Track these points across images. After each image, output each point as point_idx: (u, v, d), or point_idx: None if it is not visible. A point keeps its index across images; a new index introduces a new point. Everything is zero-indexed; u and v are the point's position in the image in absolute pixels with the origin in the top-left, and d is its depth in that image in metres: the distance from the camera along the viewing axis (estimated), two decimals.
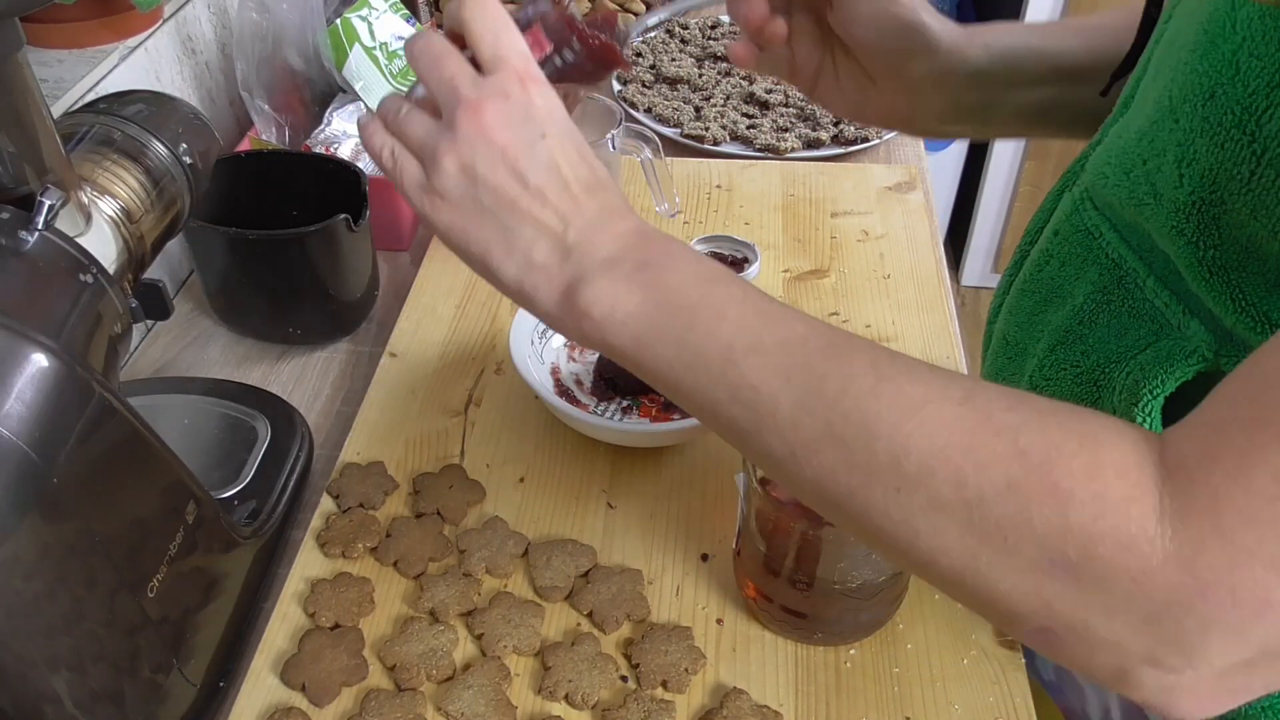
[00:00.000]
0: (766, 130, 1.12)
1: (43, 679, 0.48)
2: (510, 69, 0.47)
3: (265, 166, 0.89)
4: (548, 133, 0.47)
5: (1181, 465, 0.35)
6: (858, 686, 0.61)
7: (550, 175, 0.46)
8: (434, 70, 0.47)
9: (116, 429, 0.52)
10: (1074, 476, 0.36)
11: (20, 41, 0.48)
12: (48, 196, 0.51)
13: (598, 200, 0.47)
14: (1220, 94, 0.42)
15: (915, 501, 0.39)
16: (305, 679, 0.61)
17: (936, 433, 0.38)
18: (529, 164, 0.46)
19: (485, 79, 0.47)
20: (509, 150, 0.46)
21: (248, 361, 0.87)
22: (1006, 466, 0.37)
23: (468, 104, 0.46)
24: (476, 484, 0.73)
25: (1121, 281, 0.51)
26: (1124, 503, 0.35)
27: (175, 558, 0.56)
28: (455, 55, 0.47)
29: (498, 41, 0.47)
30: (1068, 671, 0.67)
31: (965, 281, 2.45)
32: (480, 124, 0.46)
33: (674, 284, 0.45)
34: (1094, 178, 0.54)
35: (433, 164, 0.47)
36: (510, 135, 0.46)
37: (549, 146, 0.46)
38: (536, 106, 0.46)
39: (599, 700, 0.60)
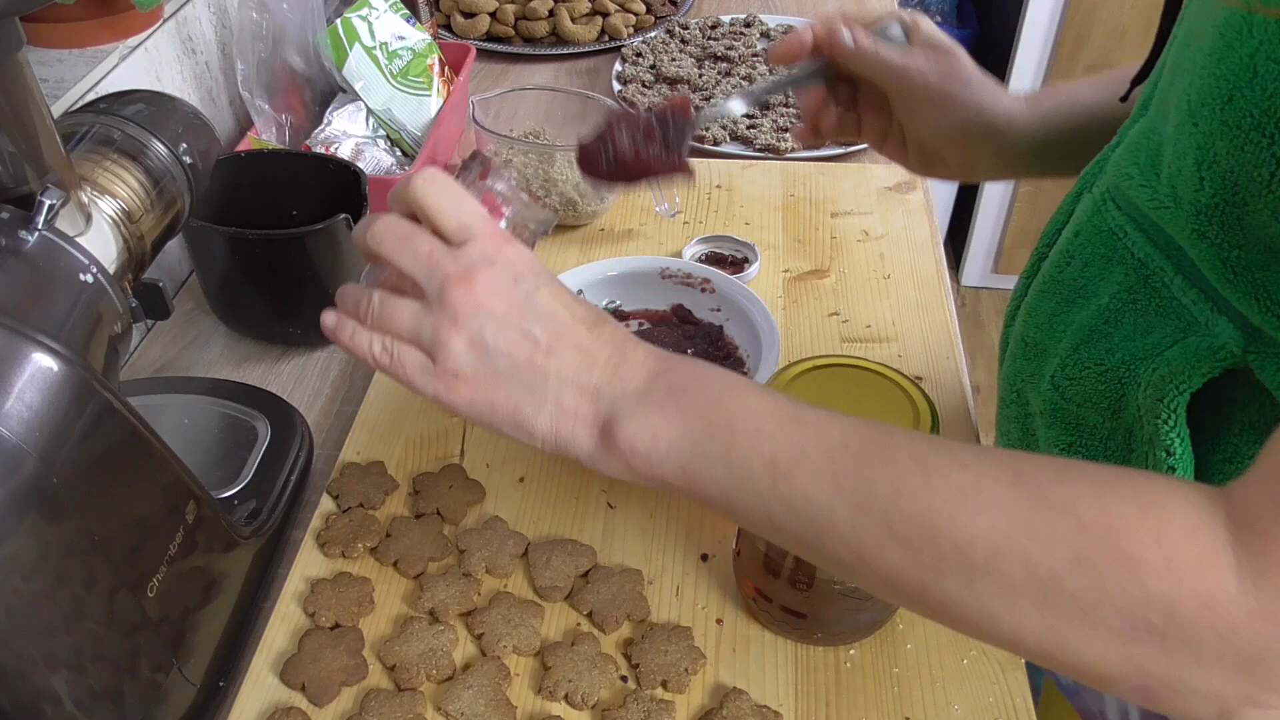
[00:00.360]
0: (767, 130, 1.12)
1: (42, 678, 0.48)
2: (482, 234, 0.47)
3: (265, 166, 0.89)
4: (537, 284, 0.47)
5: (1252, 521, 0.36)
6: (857, 687, 0.61)
7: (555, 323, 0.47)
8: (406, 251, 0.47)
9: (116, 429, 0.52)
10: (1142, 544, 0.36)
11: (20, 41, 0.48)
12: (48, 196, 0.51)
13: (605, 333, 0.48)
14: (1239, 97, 0.42)
15: (989, 589, 0.39)
16: (305, 679, 0.61)
17: (996, 518, 0.39)
18: (534, 320, 0.47)
19: (462, 250, 0.47)
20: (512, 313, 0.46)
21: (248, 361, 0.87)
22: (1072, 542, 0.37)
23: (457, 279, 0.46)
24: (476, 484, 0.73)
25: (1148, 280, 0.51)
26: (1198, 564, 0.36)
27: (175, 557, 0.56)
28: (423, 232, 0.47)
29: (460, 211, 0.47)
30: None
31: (965, 282, 2.45)
32: (475, 295, 0.46)
33: (707, 405, 0.45)
34: (1117, 178, 0.54)
35: (437, 347, 0.47)
36: (507, 298, 0.46)
37: (543, 296, 0.47)
38: (517, 263, 0.47)
39: (599, 700, 0.60)
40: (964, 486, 0.40)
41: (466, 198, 0.48)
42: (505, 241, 0.47)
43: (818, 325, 0.88)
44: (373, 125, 1.04)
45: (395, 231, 0.47)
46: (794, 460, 0.43)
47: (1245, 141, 0.42)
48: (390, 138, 1.05)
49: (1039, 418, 0.59)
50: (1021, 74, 2.15)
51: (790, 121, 1.14)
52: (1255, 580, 0.35)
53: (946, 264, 0.96)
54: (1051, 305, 0.58)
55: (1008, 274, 2.42)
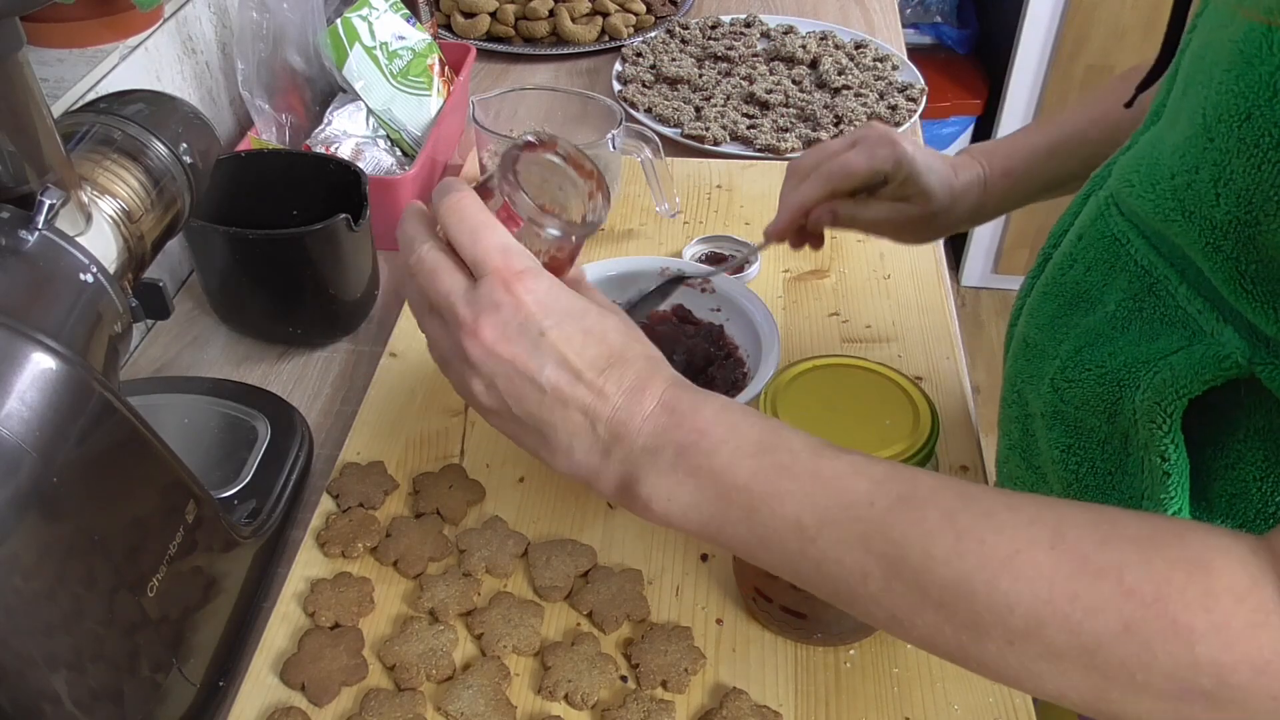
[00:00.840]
0: (767, 130, 1.12)
1: (42, 678, 0.48)
2: (493, 275, 0.46)
3: (266, 166, 0.89)
4: (544, 329, 0.46)
5: None
6: (857, 687, 0.61)
7: (561, 371, 0.46)
8: (431, 288, 0.48)
9: (116, 428, 0.52)
10: (1191, 610, 0.36)
11: (21, 41, 0.48)
12: (48, 196, 0.51)
13: (615, 379, 0.47)
14: (1257, 116, 0.42)
15: (1031, 651, 0.38)
16: (305, 678, 0.61)
17: (1037, 585, 0.38)
18: (538, 368, 0.46)
19: (476, 290, 0.47)
20: (517, 361, 0.46)
21: (248, 361, 0.87)
22: (1119, 609, 0.36)
23: (467, 329, 0.46)
24: (476, 484, 0.73)
25: (1152, 289, 0.51)
26: (1250, 629, 0.35)
27: (175, 557, 0.56)
28: (446, 269, 0.47)
29: (475, 245, 0.47)
30: None
31: (965, 282, 2.45)
32: (483, 345, 0.46)
33: (720, 468, 0.44)
34: (1120, 184, 0.53)
35: (463, 385, 0.48)
36: (512, 347, 0.46)
37: (550, 342, 0.46)
38: (527, 305, 0.46)
39: (598, 700, 0.60)
40: (1000, 551, 0.39)
41: (482, 226, 0.47)
42: (515, 279, 0.46)
43: (818, 325, 0.88)
44: (373, 125, 1.04)
45: (424, 267, 0.48)
46: (819, 523, 0.42)
47: (1263, 160, 0.42)
48: (390, 138, 1.05)
49: (1039, 419, 0.59)
50: (1021, 74, 2.15)
51: (790, 121, 1.14)
52: None
53: (946, 264, 0.96)
54: (1053, 307, 0.58)
55: (1008, 274, 2.42)
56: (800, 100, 1.18)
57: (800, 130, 1.13)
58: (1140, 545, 0.37)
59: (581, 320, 0.47)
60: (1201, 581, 0.36)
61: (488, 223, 0.47)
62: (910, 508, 0.41)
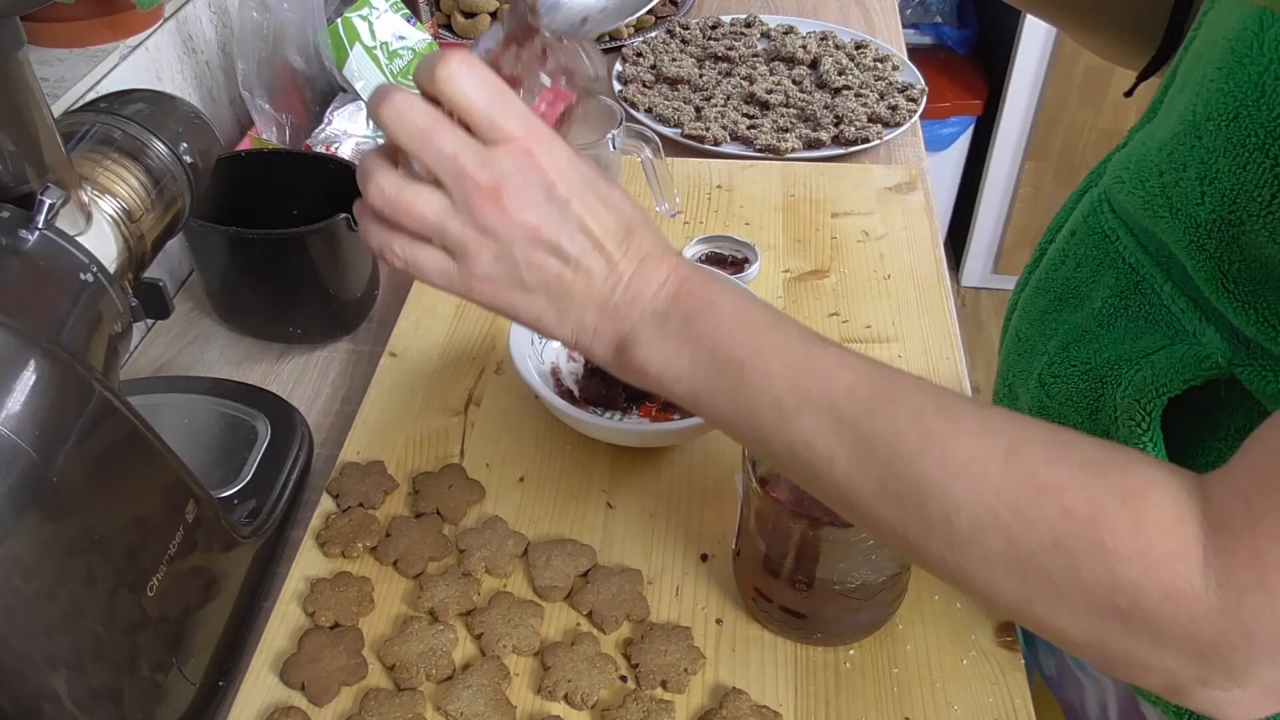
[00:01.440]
0: (767, 130, 1.12)
1: (42, 677, 0.48)
2: (515, 141, 0.44)
3: (266, 166, 0.89)
4: (569, 197, 0.45)
5: (1225, 522, 0.37)
6: (857, 687, 0.61)
7: (584, 240, 0.46)
8: (427, 147, 0.44)
9: (116, 428, 0.52)
10: (1119, 535, 0.37)
11: (21, 40, 0.48)
12: (48, 195, 0.51)
13: (632, 249, 0.47)
14: (1245, 116, 0.42)
15: (968, 555, 0.40)
16: (305, 678, 0.61)
17: (984, 493, 0.40)
18: (563, 237, 0.45)
19: (491, 154, 0.44)
20: (541, 230, 0.45)
21: (248, 361, 0.87)
22: (1053, 525, 0.38)
23: (486, 192, 0.44)
24: (476, 483, 0.73)
25: (1138, 286, 0.52)
26: (1168, 559, 0.37)
27: (175, 557, 0.56)
28: (446, 125, 0.44)
29: (493, 110, 0.44)
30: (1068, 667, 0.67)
31: (965, 282, 2.45)
32: (504, 210, 0.44)
33: (720, 339, 0.46)
34: (1112, 181, 0.54)
35: (463, 255, 0.46)
36: (537, 215, 0.45)
37: (575, 212, 0.45)
38: (551, 173, 0.45)
39: (598, 700, 0.60)
40: (958, 457, 0.41)
41: (501, 91, 0.44)
42: (538, 145, 0.44)
43: (818, 325, 0.88)
44: (373, 125, 1.04)
45: (415, 119, 0.43)
46: (798, 405, 0.44)
47: (1248, 160, 0.42)
48: None
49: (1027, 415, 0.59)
50: (1021, 74, 2.15)
51: (790, 122, 1.14)
52: (1220, 579, 0.36)
53: (946, 264, 0.96)
54: (1044, 303, 0.58)
55: (1008, 274, 2.42)
56: (800, 100, 1.18)
57: (800, 130, 1.13)
58: (1085, 468, 0.39)
59: (599, 190, 0.47)
60: (1134, 510, 0.38)
61: (505, 89, 0.44)
62: (885, 404, 0.43)
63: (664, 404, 0.78)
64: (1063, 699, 0.69)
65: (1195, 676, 0.38)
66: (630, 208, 0.48)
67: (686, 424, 0.71)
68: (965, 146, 2.35)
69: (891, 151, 1.12)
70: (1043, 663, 0.71)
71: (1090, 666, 0.64)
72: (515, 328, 0.77)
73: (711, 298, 0.47)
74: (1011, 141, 2.24)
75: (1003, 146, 2.25)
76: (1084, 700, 0.66)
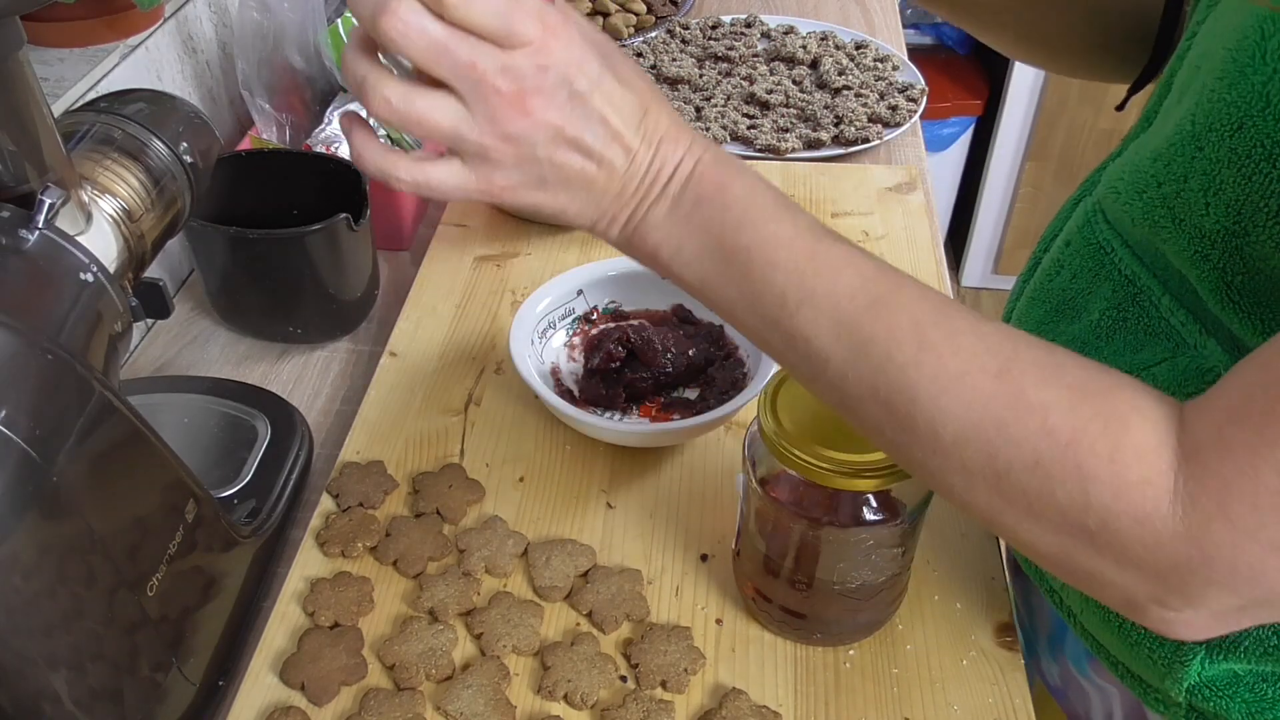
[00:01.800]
0: (767, 131, 1.12)
1: (42, 677, 0.48)
2: (534, 41, 0.43)
3: (266, 166, 0.89)
4: (590, 90, 0.44)
5: (1197, 452, 0.38)
6: (857, 687, 0.61)
7: (605, 132, 0.45)
8: (444, 59, 0.42)
9: (116, 427, 0.52)
10: (1097, 458, 0.39)
11: (21, 40, 0.48)
12: (48, 195, 0.51)
13: (649, 130, 0.47)
14: (1250, 126, 0.42)
15: (950, 464, 0.42)
16: (304, 678, 0.61)
17: (971, 406, 0.41)
18: (585, 129, 0.45)
19: (510, 58, 0.43)
20: (565, 129, 0.45)
21: (248, 360, 0.87)
22: (1035, 444, 0.40)
23: (508, 98, 0.43)
24: (476, 483, 0.73)
25: (1136, 299, 0.52)
26: (1141, 484, 0.38)
27: (175, 556, 0.56)
28: (459, 35, 0.42)
29: (510, 22, 0.42)
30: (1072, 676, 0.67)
31: (965, 282, 2.45)
32: (529, 114, 0.44)
33: (730, 224, 0.46)
34: (1106, 191, 0.54)
35: (483, 161, 0.45)
36: (560, 114, 0.44)
37: (596, 106, 0.45)
38: (570, 67, 0.44)
39: (598, 700, 0.60)
40: (951, 370, 0.41)
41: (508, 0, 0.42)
42: (556, 37, 0.43)
43: None
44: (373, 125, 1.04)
45: (426, 34, 0.41)
46: (800, 300, 0.44)
47: (1254, 171, 0.42)
48: (391, 137, 1.05)
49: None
50: (1022, 74, 2.15)
51: (790, 122, 1.14)
52: (1187, 506, 0.38)
53: (947, 264, 0.96)
54: (1041, 313, 0.58)
55: (1008, 275, 2.42)
56: (801, 100, 1.18)
57: (800, 130, 1.13)
58: (1073, 391, 0.40)
59: (614, 69, 0.46)
60: (1114, 434, 0.39)
61: None
62: (885, 309, 0.43)
63: (664, 404, 0.78)
64: (1068, 708, 0.69)
65: (1152, 596, 0.39)
66: (644, 83, 0.47)
67: (686, 424, 0.71)
68: (965, 146, 2.35)
69: (891, 152, 1.12)
70: (1046, 672, 0.71)
71: (1094, 674, 0.64)
72: (515, 328, 0.77)
73: (724, 180, 0.47)
74: (1012, 142, 2.24)
75: (1003, 147, 2.25)
76: (1089, 709, 0.66)
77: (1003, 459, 0.40)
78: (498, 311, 0.88)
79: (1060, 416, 0.39)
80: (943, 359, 0.42)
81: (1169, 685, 0.54)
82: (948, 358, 0.42)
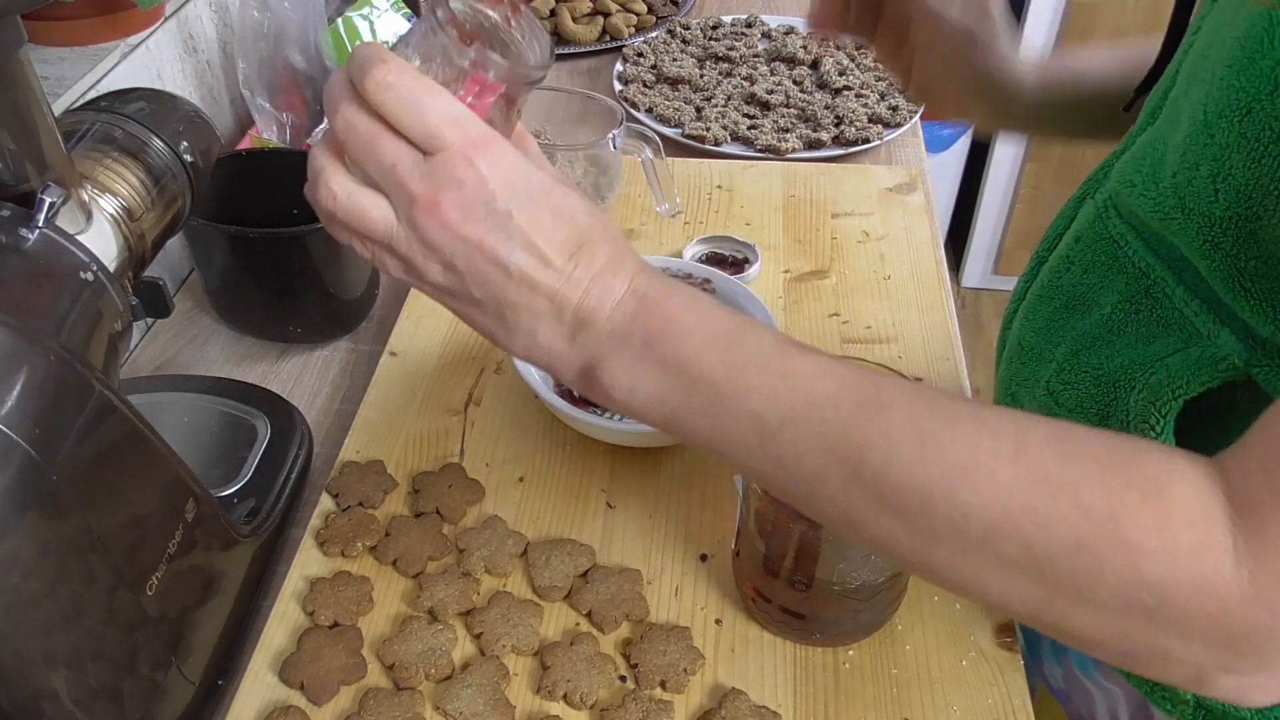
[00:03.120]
0: (767, 131, 1.12)
1: (41, 676, 0.48)
2: (453, 149, 0.43)
3: (266, 165, 0.89)
4: (513, 210, 0.43)
5: (1253, 507, 0.36)
6: (856, 688, 0.61)
7: (530, 255, 0.44)
8: (370, 158, 0.43)
9: (116, 426, 0.52)
10: (1143, 530, 0.36)
11: (22, 39, 0.48)
12: (48, 194, 0.51)
13: (584, 263, 0.45)
14: (1258, 110, 0.42)
15: (983, 561, 0.39)
16: (304, 677, 0.61)
17: (994, 497, 0.38)
18: (506, 251, 0.44)
19: (430, 164, 0.43)
20: (483, 243, 0.44)
21: (248, 360, 0.87)
22: (1073, 525, 0.37)
23: (423, 206, 0.43)
24: (476, 483, 0.73)
25: (1149, 290, 0.51)
26: (1197, 550, 0.36)
27: (174, 556, 0.56)
28: (386, 135, 0.43)
29: (425, 120, 0.42)
30: (1076, 678, 0.67)
31: (965, 283, 2.45)
32: (444, 223, 0.43)
33: (688, 356, 0.44)
34: (1119, 186, 0.53)
35: (412, 266, 0.45)
36: (478, 227, 0.43)
37: (520, 224, 0.44)
38: (492, 183, 0.43)
39: (597, 700, 0.60)
40: (962, 461, 0.39)
41: (433, 96, 0.42)
42: (477, 152, 0.43)
43: (818, 326, 0.88)
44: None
45: (358, 132, 0.43)
46: (782, 420, 0.42)
47: (1263, 155, 0.42)
48: None
49: None
50: None
51: (791, 122, 1.14)
52: (1251, 565, 0.35)
53: (947, 265, 0.96)
54: (1049, 310, 0.58)
55: (1008, 275, 2.42)
56: (801, 101, 1.18)
57: (801, 131, 1.13)
58: (1099, 463, 0.38)
59: (548, 199, 0.45)
60: (1155, 503, 0.37)
61: (430, 88, 0.43)
62: (875, 411, 0.41)
63: None
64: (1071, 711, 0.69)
65: (1221, 665, 0.37)
66: (585, 216, 0.46)
67: None
68: (965, 147, 2.35)
69: (892, 152, 1.12)
70: (1049, 674, 0.70)
71: (1099, 674, 0.63)
72: None
73: (673, 313, 0.44)
74: (1012, 142, 2.24)
75: (1003, 147, 2.25)
76: (1094, 711, 0.66)
77: (1040, 546, 0.37)
78: None
79: (1094, 492, 0.37)
80: (949, 450, 0.39)
81: None
82: (954, 448, 0.39)
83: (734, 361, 0.43)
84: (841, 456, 0.41)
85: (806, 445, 0.42)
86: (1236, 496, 0.36)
